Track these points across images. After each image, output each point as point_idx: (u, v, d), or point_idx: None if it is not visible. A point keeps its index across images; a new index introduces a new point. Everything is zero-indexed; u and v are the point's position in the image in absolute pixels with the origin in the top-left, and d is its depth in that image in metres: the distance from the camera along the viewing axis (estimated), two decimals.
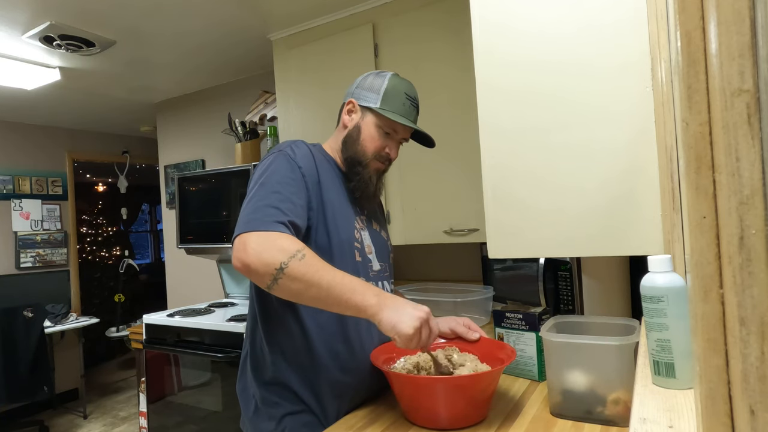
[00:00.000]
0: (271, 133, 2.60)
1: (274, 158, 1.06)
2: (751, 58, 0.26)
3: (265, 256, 0.89)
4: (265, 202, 0.97)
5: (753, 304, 0.27)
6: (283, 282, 0.89)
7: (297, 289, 0.90)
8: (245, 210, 0.98)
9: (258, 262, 0.89)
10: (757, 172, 0.26)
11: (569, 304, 1.54)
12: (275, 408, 1.04)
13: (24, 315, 3.35)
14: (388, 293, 0.97)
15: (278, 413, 1.04)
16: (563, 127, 1.03)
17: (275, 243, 0.91)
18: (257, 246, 0.90)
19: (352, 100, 1.15)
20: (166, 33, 2.44)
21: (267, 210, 0.96)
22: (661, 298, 0.62)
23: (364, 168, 1.13)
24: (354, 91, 1.16)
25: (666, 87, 0.75)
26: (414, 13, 2.01)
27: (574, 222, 1.02)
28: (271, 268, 0.89)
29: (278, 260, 0.89)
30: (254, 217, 0.95)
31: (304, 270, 0.89)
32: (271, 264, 0.89)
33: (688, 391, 0.59)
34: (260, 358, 1.09)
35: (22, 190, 4.04)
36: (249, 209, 0.97)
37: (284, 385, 1.05)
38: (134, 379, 4.29)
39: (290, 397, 1.05)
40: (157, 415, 2.38)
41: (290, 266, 0.89)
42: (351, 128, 1.14)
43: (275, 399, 1.05)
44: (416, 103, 1.17)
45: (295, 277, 0.89)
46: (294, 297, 0.93)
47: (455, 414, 0.94)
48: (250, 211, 0.97)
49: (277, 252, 0.90)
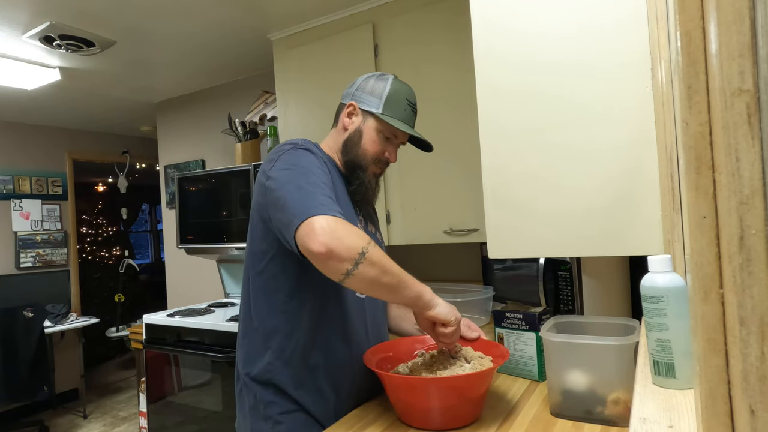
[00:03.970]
0: (271, 133, 2.60)
1: (303, 154, 1.03)
2: (751, 58, 0.26)
3: (347, 241, 0.87)
4: (320, 191, 0.94)
5: (753, 304, 0.27)
6: (363, 267, 0.87)
7: (375, 274, 0.89)
8: (299, 194, 0.93)
9: (341, 246, 0.86)
10: (757, 172, 0.26)
11: (569, 304, 1.54)
12: (270, 407, 1.04)
13: (24, 315, 3.35)
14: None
15: (274, 412, 1.04)
16: (563, 127, 1.03)
17: (351, 228, 0.89)
18: (337, 230, 0.87)
19: (353, 103, 1.15)
20: (166, 33, 2.44)
21: (325, 199, 0.93)
22: (661, 298, 0.62)
23: (364, 171, 1.14)
24: (355, 93, 1.16)
25: (666, 87, 0.75)
26: (414, 14, 2.01)
27: (574, 222, 1.02)
28: (354, 252, 0.87)
29: (359, 245, 0.87)
30: (317, 202, 0.91)
31: (380, 255, 0.90)
32: (354, 248, 0.87)
33: (688, 391, 0.59)
34: (255, 359, 1.08)
35: (22, 190, 4.04)
36: (305, 195, 0.93)
37: (280, 386, 1.04)
38: (134, 379, 4.29)
39: (285, 397, 1.04)
40: (157, 415, 2.38)
41: (370, 251, 0.88)
42: (352, 132, 1.14)
43: (270, 398, 1.05)
44: (416, 109, 1.18)
45: (374, 262, 0.88)
46: (369, 283, 0.90)
47: (448, 414, 0.94)
48: (308, 196, 0.93)
49: (356, 237, 0.88)
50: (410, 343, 1.17)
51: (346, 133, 1.15)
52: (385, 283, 0.91)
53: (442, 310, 0.99)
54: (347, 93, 1.18)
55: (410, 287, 0.95)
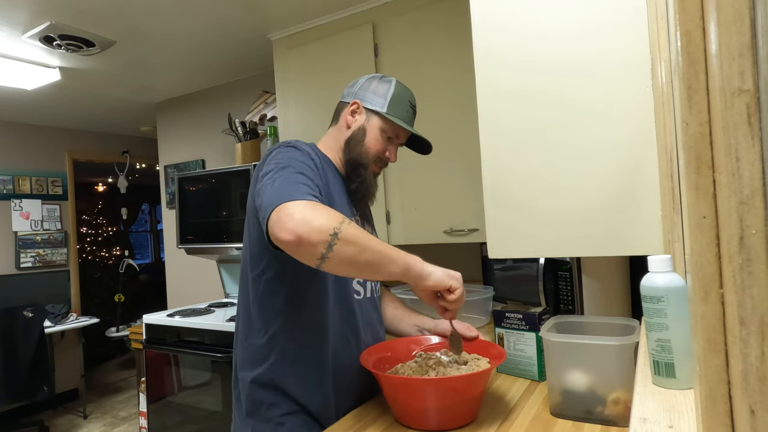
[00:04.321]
0: (271, 133, 2.60)
1: (286, 150, 1.02)
2: (751, 58, 0.26)
3: (316, 223, 0.83)
4: (295, 180, 0.93)
5: (753, 304, 0.27)
6: (338, 247, 0.84)
7: (352, 253, 0.85)
8: (273, 187, 0.91)
9: (311, 230, 0.82)
10: (757, 172, 0.26)
11: (569, 304, 1.54)
12: (272, 409, 1.03)
13: (24, 315, 3.35)
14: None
15: (275, 414, 1.03)
16: (563, 127, 1.03)
17: (322, 210, 0.86)
18: (305, 214, 0.84)
19: (357, 101, 1.14)
20: (166, 33, 2.44)
21: (299, 186, 0.91)
22: (661, 298, 0.62)
23: (366, 170, 1.14)
24: (358, 92, 1.15)
25: (666, 87, 0.75)
26: (414, 14, 2.01)
27: (574, 222, 1.02)
28: (326, 234, 0.83)
29: (331, 225, 0.84)
30: (289, 190, 0.89)
31: (355, 232, 0.86)
32: (324, 230, 0.83)
33: (688, 391, 0.59)
34: (257, 360, 1.06)
35: (22, 190, 4.04)
36: (278, 185, 0.91)
37: (281, 387, 1.04)
38: (134, 379, 4.28)
39: (287, 398, 1.04)
40: (157, 415, 2.38)
41: (343, 230, 0.84)
42: (355, 130, 1.14)
43: (272, 400, 1.04)
44: (416, 111, 1.19)
45: (350, 240, 0.84)
46: (347, 264, 0.86)
47: (445, 414, 0.94)
48: (281, 186, 0.90)
49: (327, 218, 0.84)
50: (407, 343, 1.17)
51: (349, 131, 1.14)
52: (365, 261, 0.87)
53: (438, 276, 0.96)
54: (349, 92, 1.18)
55: (395, 261, 0.90)
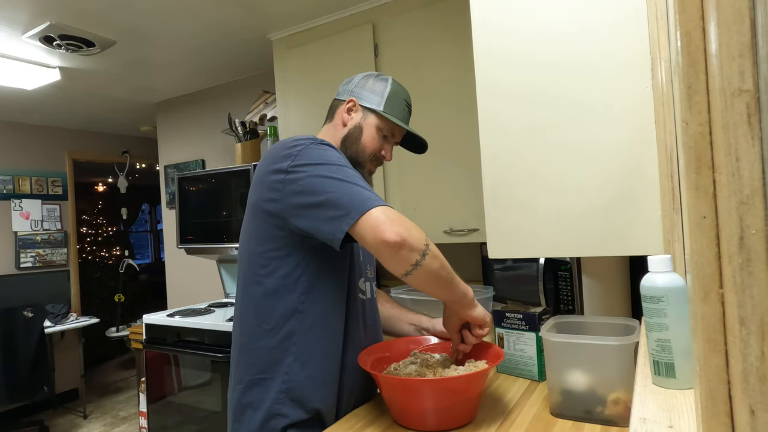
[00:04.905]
0: (271, 133, 2.60)
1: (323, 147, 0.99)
2: (751, 58, 0.26)
3: (415, 232, 0.87)
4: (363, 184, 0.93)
5: (753, 304, 0.27)
6: (429, 259, 0.87)
7: (437, 267, 0.89)
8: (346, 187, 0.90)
9: (413, 237, 0.86)
10: (757, 172, 0.26)
11: (569, 304, 1.54)
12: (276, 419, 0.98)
13: (24, 315, 3.35)
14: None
15: (279, 425, 0.98)
16: (563, 126, 1.03)
17: (409, 220, 0.89)
18: (405, 221, 0.87)
19: (353, 99, 1.13)
20: (167, 33, 2.44)
21: (371, 192, 0.91)
22: (661, 298, 0.62)
23: (362, 168, 1.13)
24: (354, 90, 1.15)
25: (666, 87, 0.75)
26: (414, 13, 2.01)
27: (574, 222, 1.02)
28: (422, 244, 0.87)
29: (424, 237, 0.88)
30: (369, 195, 0.89)
31: (437, 249, 0.90)
32: (422, 240, 0.87)
33: (688, 391, 0.59)
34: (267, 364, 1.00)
35: (22, 190, 4.04)
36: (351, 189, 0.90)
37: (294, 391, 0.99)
38: (134, 379, 4.29)
39: (298, 404, 0.99)
40: (157, 415, 2.38)
41: (431, 245, 0.89)
42: (351, 128, 1.13)
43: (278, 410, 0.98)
44: (411, 110, 1.19)
45: (436, 255, 0.89)
46: (431, 276, 0.90)
47: (443, 415, 0.94)
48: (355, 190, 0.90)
49: (419, 230, 0.89)
50: (406, 343, 1.17)
51: (345, 128, 1.13)
52: (443, 278, 0.92)
53: (480, 311, 1.02)
54: (345, 89, 1.17)
55: (460, 284, 0.97)
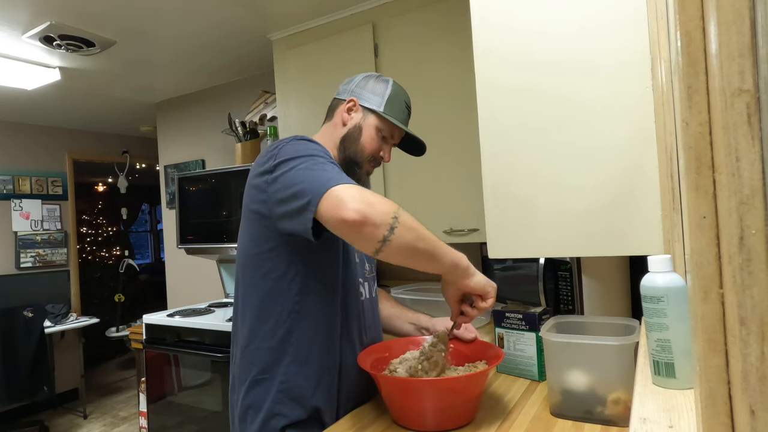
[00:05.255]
0: (271, 133, 2.60)
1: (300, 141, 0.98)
2: (751, 58, 0.26)
3: (378, 205, 0.82)
4: (331, 167, 0.90)
5: (753, 304, 0.27)
6: (399, 231, 0.82)
7: (412, 238, 0.83)
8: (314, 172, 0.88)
9: (374, 211, 0.81)
10: (757, 172, 0.26)
11: (569, 304, 1.54)
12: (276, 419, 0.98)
13: (24, 315, 3.35)
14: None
15: (278, 425, 0.98)
16: (563, 126, 1.03)
17: (377, 194, 0.85)
18: (366, 195, 0.82)
19: (353, 99, 1.13)
20: (167, 33, 2.44)
21: (337, 173, 0.88)
22: (661, 298, 0.62)
23: (360, 168, 1.12)
24: (354, 90, 1.14)
25: (666, 87, 0.75)
26: (414, 13, 2.01)
27: (574, 222, 1.02)
28: (388, 216, 0.82)
29: (391, 209, 0.83)
30: (334, 175, 0.86)
31: (412, 219, 0.85)
32: (387, 212, 0.82)
33: (688, 391, 0.59)
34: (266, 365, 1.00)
35: (22, 190, 4.04)
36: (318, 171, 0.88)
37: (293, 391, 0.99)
38: (134, 379, 4.28)
39: (297, 404, 0.99)
40: (157, 415, 2.38)
41: (402, 215, 0.83)
42: (351, 127, 1.12)
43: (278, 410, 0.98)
44: (410, 113, 1.19)
45: (409, 226, 0.83)
46: (406, 249, 0.84)
47: (442, 415, 0.94)
48: (322, 172, 0.87)
49: (386, 202, 0.84)
50: (405, 343, 1.17)
51: (345, 128, 1.13)
52: (422, 249, 0.86)
53: (481, 280, 0.95)
54: (345, 89, 1.16)
55: (446, 254, 0.90)
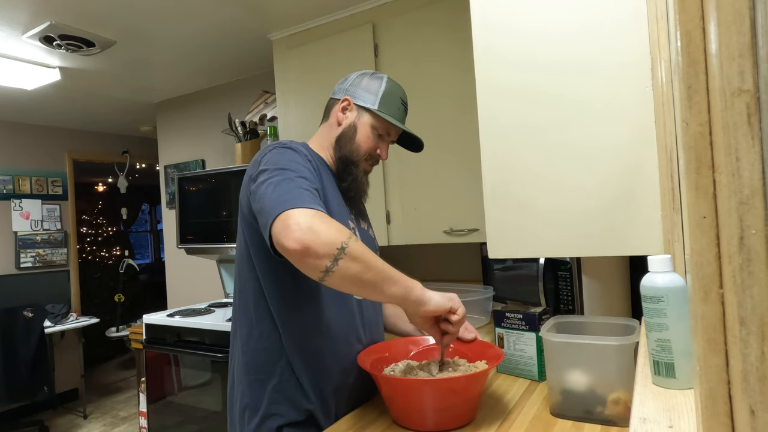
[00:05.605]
0: (271, 133, 2.60)
1: (283, 151, 0.99)
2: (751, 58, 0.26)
3: (324, 235, 0.81)
4: (297, 185, 0.89)
5: (753, 304, 0.27)
6: (344, 263, 0.82)
7: (357, 270, 0.83)
8: (275, 191, 0.88)
9: (318, 241, 0.80)
10: (757, 172, 0.26)
11: (569, 304, 1.54)
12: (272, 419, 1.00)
13: (24, 315, 3.35)
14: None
15: (274, 425, 0.99)
16: (563, 126, 1.03)
17: (330, 222, 0.84)
18: (313, 224, 0.81)
19: (348, 98, 1.13)
20: (167, 33, 2.44)
21: (302, 192, 0.88)
22: (661, 298, 0.62)
23: (357, 167, 1.12)
24: (348, 89, 1.14)
25: (666, 87, 0.75)
26: (414, 13, 2.01)
27: (574, 222, 1.02)
28: (333, 247, 0.81)
29: (339, 239, 0.82)
30: (293, 196, 0.86)
31: (362, 250, 0.84)
32: (332, 243, 0.81)
33: (688, 391, 0.59)
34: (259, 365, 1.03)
35: (22, 190, 4.04)
36: (281, 190, 0.88)
37: (285, 392, 1.00)
38: (134, 379, 4.28)
39: (292, 405, 1.00)
40: (157, 415, 2.38)
41: (350, 245, 0.82)
42: (346, 126, 1.12)
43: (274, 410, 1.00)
44: (407, 108, 1.18)
45: (356, 257, 0.83)
46: (350, 281, 0.84)
47: (442, 415, 0.94)
48: (284, 191, 0.87)
49: (335, 231, 0.83)
50: (405, 343, 1.17)
51: (340, 128, 1.13)
52: (368, 280, 0.85)
53: (438, 301, 0.93)
54: (340, 88, 1.16)
55: (397, 283, 0.88)
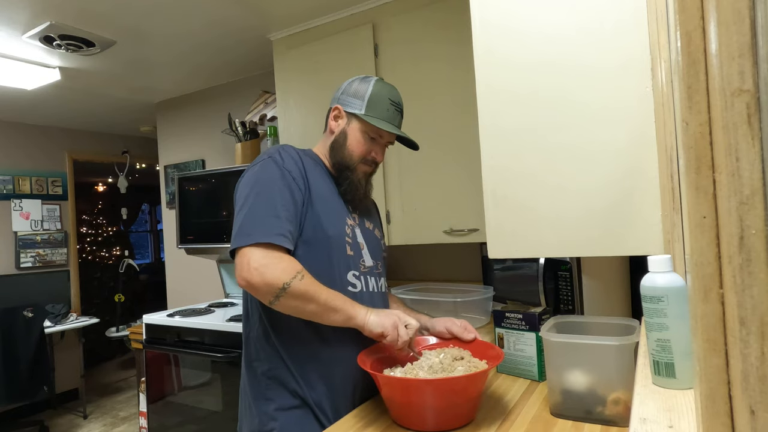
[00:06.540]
0: (271, 133, 2.60)
1: (262, 165, 1.08)
2: (751, 58, 0.26)
3: (268, 277, 0.95)
4: (264, 212, 1.01)
5: (753, 304, 0.27)
6: (284, 300, 0.97)
7: (296, 305, 0.98)
8: (244, 219, 1.01)
9: (262, 282, 0.95)
10: (757, 172, 0.26)
11: (569, 304, 1.54)
12: (267, 404, 1.08)
13: (24, 315, 3.35)
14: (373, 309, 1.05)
15: (269, 408, 1.07)
16: (563, 127, 1.03)
17: (278, 264, 0.97)
18: (260, 266, 0.96)
19: (338, 107, 1.18)
20: (166, 33, 2.44)
21: (266, 220, 1.00)
22: (661, 298, 0.62)
23: (353, 172, 1.16)
24: (339, 97, 1.19)
25: (666, 87, 0.75)
26: (414, 13, 2.01)
27: (574, 222, 1.02)
28: (275, 288, 0.96)
29: (281, 281, 0.96)
30: (254, 230, 0.99)
31: (304, 289, 0.97)
32: (274, 284, 0.95)
33: (688, 391, 0.59)
34: (258, 354, 1.11)
35: (22, 190, 4.04)
36: (249, 219, 1.01)
37: (279, 379, 1.08)
38: (134, 379, 4.28)
39: (284, 391, 1.07)
40: (157, 415, 2.38)
41: (292, 286, 0.96)
42: (337, 134, 1.17)
43: (268, 395, 1.08)
44: (400, 108, 1.19)
45: (296, 295, 0.97)
46: (292, 311, 1.00)
47: (442, 415, 0.94)
48: (250, 223, 1.00)
49: (280, 273, 0.96)
50: None
51: (333, 135, 1.18)
52: (309, 312, 1.00)
53: (375, 326, 1.01)
54: (334, 97, 1.21)
55: (339, 312, 1.00)
